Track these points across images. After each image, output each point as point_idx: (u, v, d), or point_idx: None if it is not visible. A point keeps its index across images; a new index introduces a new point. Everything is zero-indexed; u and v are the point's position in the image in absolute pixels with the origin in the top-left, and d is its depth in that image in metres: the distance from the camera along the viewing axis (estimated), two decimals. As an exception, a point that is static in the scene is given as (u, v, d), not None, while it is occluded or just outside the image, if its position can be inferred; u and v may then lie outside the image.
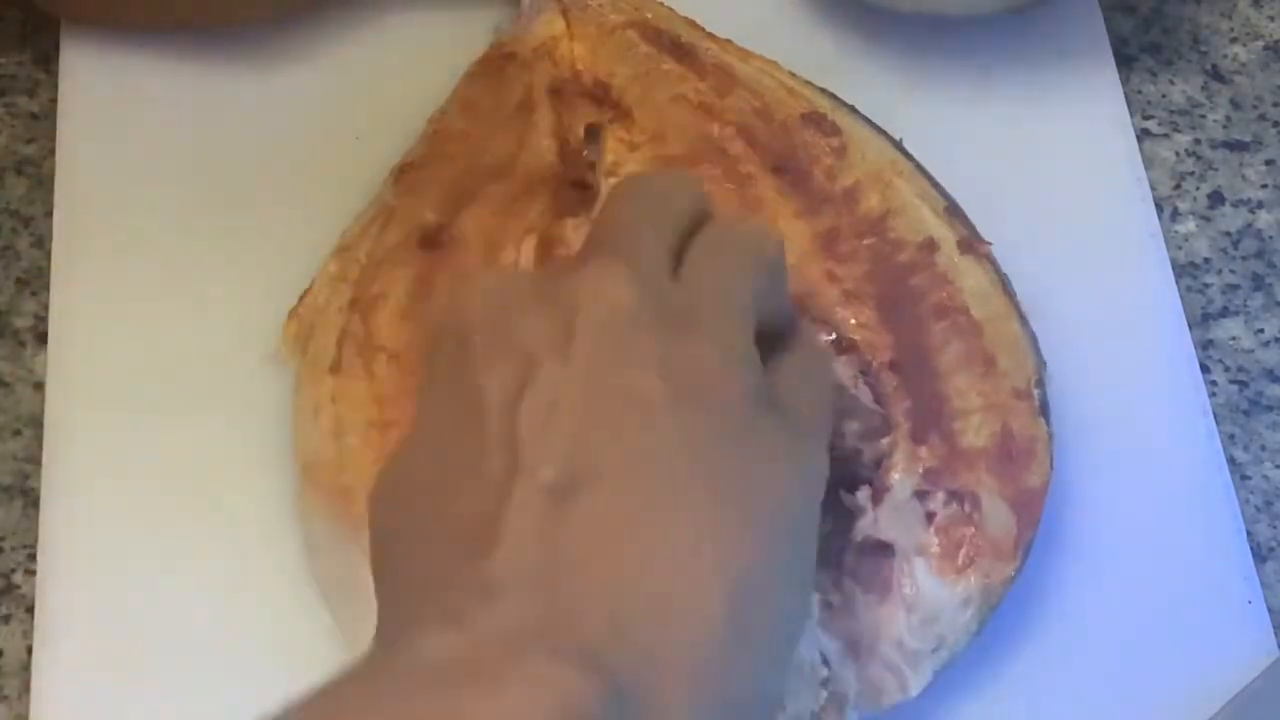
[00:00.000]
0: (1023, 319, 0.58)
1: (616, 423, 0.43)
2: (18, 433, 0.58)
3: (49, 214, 0.61)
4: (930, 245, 0.58)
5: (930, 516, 0.54)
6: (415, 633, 0.40)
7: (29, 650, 0.55)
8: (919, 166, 0.60)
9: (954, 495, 0.54)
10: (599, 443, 0.43)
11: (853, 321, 0.57)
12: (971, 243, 0.59)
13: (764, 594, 0.43)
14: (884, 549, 0.54)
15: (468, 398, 0.44)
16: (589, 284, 0.45)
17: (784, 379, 0.47)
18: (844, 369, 0.56)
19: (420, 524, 0.44)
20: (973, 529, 0.54)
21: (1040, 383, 0.56)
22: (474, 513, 0.42)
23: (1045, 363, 0.57)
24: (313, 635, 0.54)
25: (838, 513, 0.54)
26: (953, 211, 0.59)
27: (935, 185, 0.60)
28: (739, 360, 0.45)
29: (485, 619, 0.40)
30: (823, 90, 0.62)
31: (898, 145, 0.61)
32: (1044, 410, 0.56)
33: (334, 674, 0.40)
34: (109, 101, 0.63)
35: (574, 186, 0.60)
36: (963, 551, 0.54)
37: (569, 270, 0.46)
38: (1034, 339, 0.57)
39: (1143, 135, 0.66)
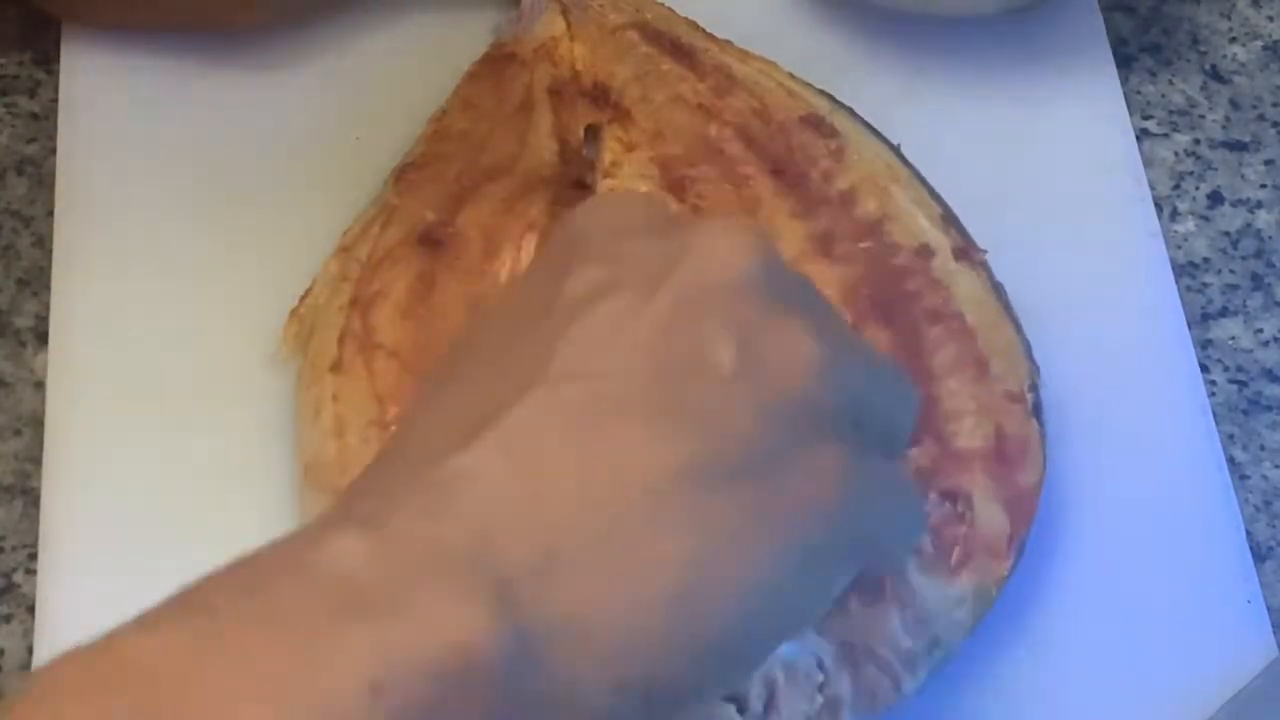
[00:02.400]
0: (1017, 325, 0.58)
1: (665, 370, 0.40)
2: (18, 432, 0.59)
3: (49, 214, 0.61)
4: (926, 251, 0.58)
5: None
6: (336, 531, 0.37)
7: (29, 650, 0.55)
8: (915, 172, 0.60)
9: (947, 495, 0.54)
10: (637, 381, 0.39)
11: (847, 320, 0.57)
12: (966, 250, 0.59)
13: (737, 604, 0.39)
14: (878, 549, 0.54)
15: (547, 292, 0.42)
16: (711, 237, 0.42)
17: (867, 388, 0.43)
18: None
19: (442, 402, 0.41)
20: (966, 528, 0.54)
21: (1034, 387, 0.56)
22: (481, 407, 0.39)
23: (1039, 368, 0.57)
24: (312, 635, 0.54)
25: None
26: (948, 219, 0.59)
27: (931, 192, 0.60)
28: (828, 361, 0.41)
29: (410, 527, 0.36)
30: (821, 92, 0.62)
31: (895, 150, 0.61)
32: (1037, 413, 0.56)
33: (248, 553, 0.37)
34: (109, 101, 0.63)
35: (574, 186, 0.60)
36: (956, 551, 0.54)
37: (703, 218, 0.44)
38: (1028, 345, 0.57)
39: (1142, 135, 0.66)
